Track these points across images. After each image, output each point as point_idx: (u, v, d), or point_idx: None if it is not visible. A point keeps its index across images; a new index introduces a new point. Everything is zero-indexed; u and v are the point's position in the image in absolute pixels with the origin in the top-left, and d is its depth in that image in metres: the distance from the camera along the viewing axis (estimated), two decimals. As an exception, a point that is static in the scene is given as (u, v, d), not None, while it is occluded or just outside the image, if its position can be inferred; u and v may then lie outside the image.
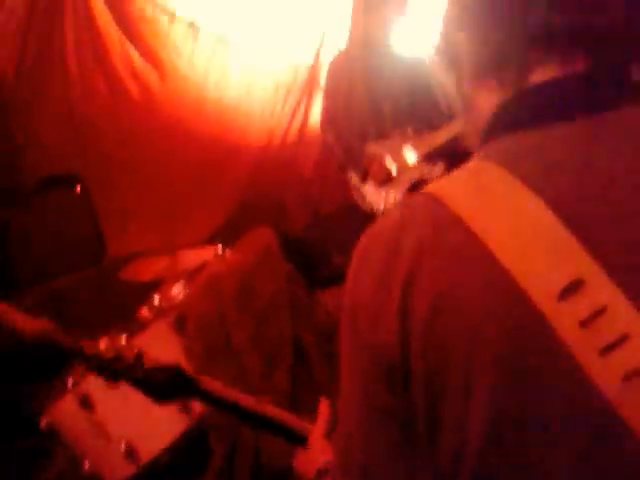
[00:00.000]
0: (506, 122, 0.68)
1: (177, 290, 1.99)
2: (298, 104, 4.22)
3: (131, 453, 1.78)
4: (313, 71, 4.21)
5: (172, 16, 3.94)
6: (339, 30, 4.18)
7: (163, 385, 1.13)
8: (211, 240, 3.83)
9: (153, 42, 3.92)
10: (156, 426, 1.83)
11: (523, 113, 0.67)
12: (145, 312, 1.91)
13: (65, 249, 3.12)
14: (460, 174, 0.68)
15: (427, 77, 2.95)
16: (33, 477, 2.02)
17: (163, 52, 3.95)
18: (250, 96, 4.15)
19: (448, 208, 0.62)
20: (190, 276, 2.06)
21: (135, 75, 3.88)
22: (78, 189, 3.21)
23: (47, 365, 2.14)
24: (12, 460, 2.00)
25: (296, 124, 4.24)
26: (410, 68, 2.89)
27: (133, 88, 3.87)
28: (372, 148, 2.72)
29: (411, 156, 2.78)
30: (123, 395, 1.83)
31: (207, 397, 1.25)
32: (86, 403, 1.81)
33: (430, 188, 0.67)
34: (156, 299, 1.95)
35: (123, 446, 1.77)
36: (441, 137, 2.73)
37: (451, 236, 0.62)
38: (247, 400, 1.18)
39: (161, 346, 1.85)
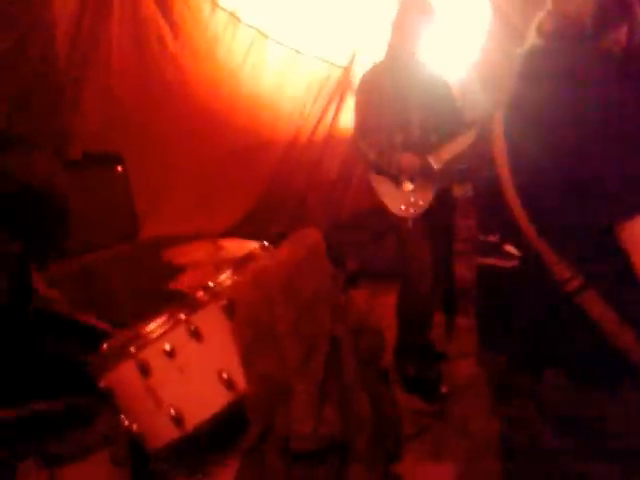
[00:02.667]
0: None
1: (224, 277, 2.04)
2: (328, 104, 4.25)
3: (178, 419, 1.88)
4: (346, 73, 4.24)
5: (214, 4, 3.96)
6: (374, 36, 4.22)
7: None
8: (233, 230, 3.86)
9: (192, 29, 3.94)
10: (203, 397, 1.93)
11: None
12: (200, 293, 1.97)
13: (101, 224, 3.14)
14: None
15: (448, 89, 3.03)
16: (78, 435, 2.07)
17: (202, 39, 3.96)
18: (282, 92, 4.17)
19: None
20: (237, 266, 2.10)
21: (172, 59, 3.89)
22: (119, 169, 3.23)
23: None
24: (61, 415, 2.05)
25: (325, 125, 4.27)
26: (435, 81, 2.97)
27: (169, 72, 3.88)
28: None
29: (435, 164, 2.86)
30: (178, 366, 1.92)
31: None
32: (144, 370, 1.89)
33: None
34: (211, 283, 2.00)
35: (172, 412, 1.87)
36: (460, 145, 2.82)
37: None
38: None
39: (213, 326, 1.95)
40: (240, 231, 3.89)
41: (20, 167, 2.40)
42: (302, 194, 4.29)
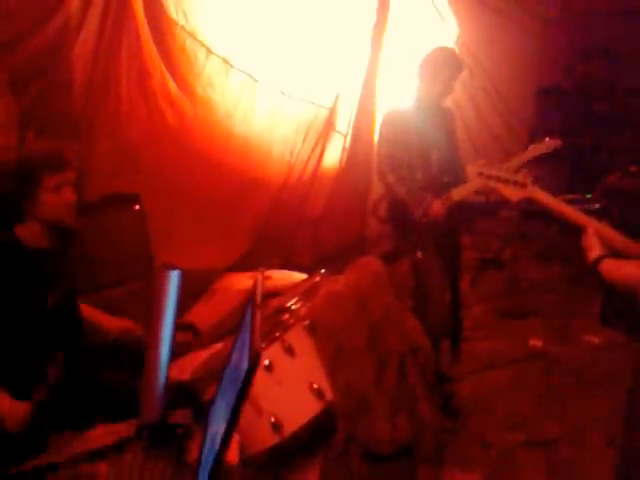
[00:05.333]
0: None
1: (295, 301, 2.23)
2: (316, 144, 4.51)
3: (277, 426, 2.05)
4: (331, 115, 4.53)
5: (208, 51, 4.15)
6: (354, 80, 4.55)
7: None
8: (237, 267, 4.01)
9: (190, 74, 4.11)
10: (298, 406, 2.12)
11: None
12: (287, 316, 2.15)
13: (118, 262, 3.21)
14: None
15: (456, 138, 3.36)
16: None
17: (198, 84, 4.14)
18: (272, 132, 4.39)
19: None
20: (306, 293, 2.29)
21: (172, 103, 4.03)
22: (137, 207, 3.32)
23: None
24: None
25: (312, 163, 4.52)
26: (451, 127, 3.32)
27: (169, 115, 4.02)
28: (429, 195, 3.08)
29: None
30: (275, 378, 2.08)
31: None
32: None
33: None
34: (294, 306, 2.18)
35: (272, 419, 2.04)
36: (467, 190, 3.13)
37: None
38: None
39: (301, 343, 2.13)
40: (244, 264, 4.06)
41: None
42: (292, 231, 4.50)
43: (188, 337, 3.09)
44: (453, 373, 3.52)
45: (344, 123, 4.59)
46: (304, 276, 2.55)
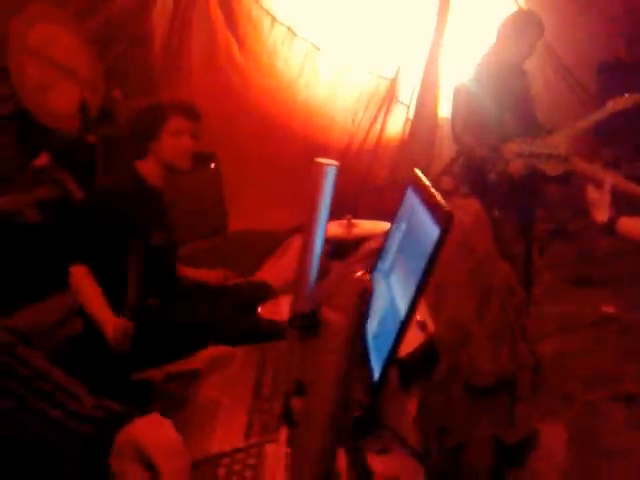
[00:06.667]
0: None
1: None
2: (377, 114, 4.50)
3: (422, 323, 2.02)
4: (393, 85, 4.51)
5: (273, 19, 4.18)
6: (415, 53, 4.53)
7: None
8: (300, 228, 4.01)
9: (255, 42, 4.15)
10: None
11: None
12: None
13: (196, 218, 3.24)
14: None
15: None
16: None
17: (263, 51, 4.18)
18: (335, 100, 4.41)
19: None
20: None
21: (238, 71, 4.08)
22: (212, 166, 3.35)
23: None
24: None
25: (374, 133, 4.51)
26: (527, 89, 3.28)
27: (235, 82, 4.06)
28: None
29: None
30: None
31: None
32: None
33: None
34: None
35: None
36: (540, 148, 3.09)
37: None
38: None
39: None
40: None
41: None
42: (355, 198, 4.49)
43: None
44: (530, 334, 3.48)
45: (407, 94, 4.56)
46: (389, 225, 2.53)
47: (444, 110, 4.35)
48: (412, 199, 1.24)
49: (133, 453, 0.81)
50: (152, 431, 0.82)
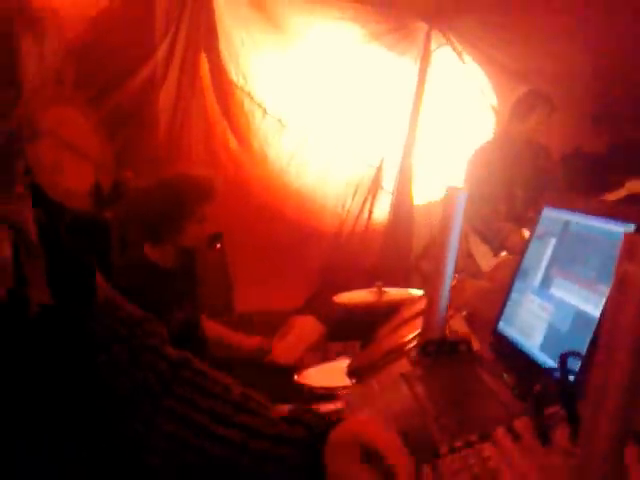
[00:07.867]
0: None
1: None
2: (365, 200, 4.65)
3: None
4: (378, 173, 4.71)
5: (264, 111, 4.36)
6: (397, 143, 4.77)
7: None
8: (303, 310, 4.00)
9: (248, 131, 4.30)
10: None
11: None
12: None
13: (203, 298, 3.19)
14: None
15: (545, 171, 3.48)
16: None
17: (255, 141, 4.33)
18: (325, 187, 4.54)
19: None
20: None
21: (232, 159, 4.20)
22: (218, 246, 3.34)
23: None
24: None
25: (362, 219, 4.64)
26: (537, 162, 3.45)
27: (230, 169, 4.16)
28: (508, 225, 3.17)
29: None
30: None
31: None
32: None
33: None
34: None
35: None
36: None
37: None
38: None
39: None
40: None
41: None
42: (347, 282, 4.52)
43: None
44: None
45: (391, 183, 4.76)
46: (419, 291, 2.57)
47: (418, 199, 4.68)
48: (561, 215, 1.23)
49: (356, 452, 0.78)
50: (378, 430, 0.78)
